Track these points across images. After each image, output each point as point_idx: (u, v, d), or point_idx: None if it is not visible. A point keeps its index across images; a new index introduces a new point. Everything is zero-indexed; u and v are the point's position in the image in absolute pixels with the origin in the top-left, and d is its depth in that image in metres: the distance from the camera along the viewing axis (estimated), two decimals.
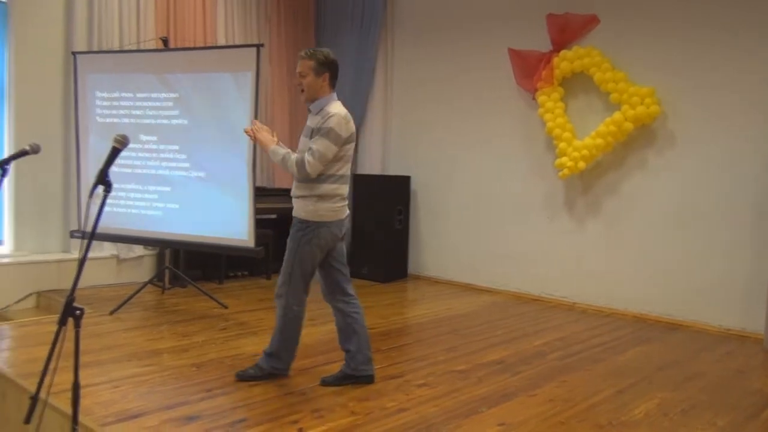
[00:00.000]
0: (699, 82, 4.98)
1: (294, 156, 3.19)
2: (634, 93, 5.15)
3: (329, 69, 3.22)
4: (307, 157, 3.12)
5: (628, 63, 5.30)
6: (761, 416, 3.14)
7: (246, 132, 3.41)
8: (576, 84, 5.65)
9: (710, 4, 4.90)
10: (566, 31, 5.65)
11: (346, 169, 3.28)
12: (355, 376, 3.32)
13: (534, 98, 5.84)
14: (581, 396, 3.30)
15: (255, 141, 3.43)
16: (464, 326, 4.75)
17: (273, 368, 3.34)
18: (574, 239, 5.72)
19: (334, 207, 3.24)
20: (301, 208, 3.25)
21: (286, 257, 3.28)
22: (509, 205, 6.16)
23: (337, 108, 3.21)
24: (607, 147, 5.35)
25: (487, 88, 6.28)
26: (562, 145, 5.54)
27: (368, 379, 3.34)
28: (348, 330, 3.35)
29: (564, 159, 5.51)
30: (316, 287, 3.36)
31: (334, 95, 3.28)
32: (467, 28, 6.42)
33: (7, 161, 2.70)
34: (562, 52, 5.60)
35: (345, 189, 3.30)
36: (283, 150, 3.26)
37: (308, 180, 3.19)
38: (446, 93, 6.64)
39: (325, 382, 3.31)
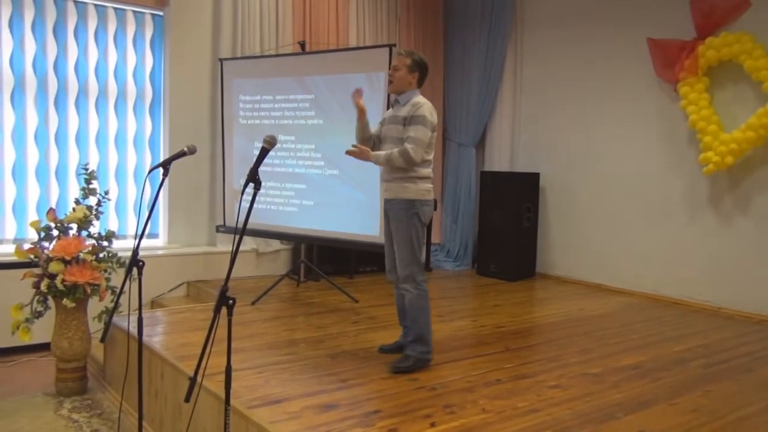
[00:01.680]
0: None
1: (394, 150, 3.45)
2: None
3: (420, 70, 3.58)
4: (409, 145, 3.40)
5: None
6: None
7: (351, 153, 3.58)
8: (723, 73, 5.27)
9: None
10: (712, 17, 5.28)
11: (432, 155, 3.60)
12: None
13: (675, 90, 5.52)
14: (728, 408, 3.10)
15: (360, 158, 3.60)
16: (597, 328, 4.60)
17: (421, 353, 3.49)
18: (720, 239, 5.35)
19: (429, 188, 3.56)
20: (403, 190, 3.49)
21: (399, 240, 3.50)
22: (645, 202, 5.86)
23: (424, 99, 3.56)
24: (759, 140, 4.95)
25: (622, 82, 6.01)
26: (707, 138, 5.19)
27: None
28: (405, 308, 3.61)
29: (709, 153, 5.16)
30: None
31: (419, 92, 3.61)
32: (600, 19, 6.17)
33: (169, 161, 2.96)
34: (708, 40, 5.24)
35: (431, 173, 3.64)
36: (381, 153, 3.52)
37: (416, 164, 3.46)
38: (577, 88, 6.43)
39: (384, 350, 3.76)
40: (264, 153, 2.49)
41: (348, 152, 3.57)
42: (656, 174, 5.78)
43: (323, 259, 6.04)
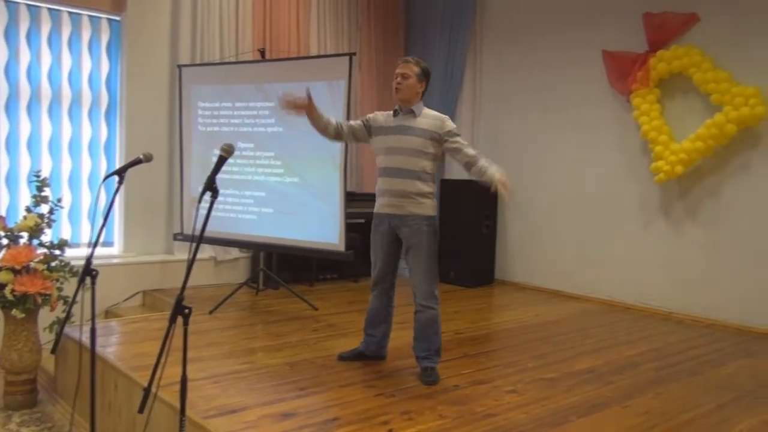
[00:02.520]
0: None
1: (480, 158, 3.40)
2: (737, 93, 4.91)
3: (427, 80, 3.53)
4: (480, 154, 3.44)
5: (731, 62, 5.06)
6: None
7: (500, 184, 3.23)
8: (673, 85, 5.44)
9: None
10: (663, 31, 5.46)
11: None
12: (368, 356, 3.75)
13: (628, 101, 5.68)
14: (678, 409, 3.19)
15: (504, 185, 3.24)
16: (553, 333, 4.68)
17: (438, 363, 3.53)
18: (671, 245, 5.51)
19: None
20: (421, 206, 3.44)
21: (423, 256, 3.43)
22: (601, 209, 6.00)
23: (434, 111, 3.55)
24: (708, 151, 5.12)
25: (578, 92, 6.16)
26: (658, 148, 5.35)
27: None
28: (384, 317, 3.68)
29: (660, 163, 5.32)
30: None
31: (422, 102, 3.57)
32: (558, 31, 6.31)
33: (125, 169, 2.93)
34: (659, 53, 5.41)
35: None
36: (484, 165, 3.36)
37: (424, 179, 3.45)
38: (535, 97, 6.55)
39: (343, 358, 3.76)
40: (221, 161, 2.48)
41: (499, 181, 3.23)
42: (611, 182, 5.93)
43: (283, 267, 6.01)
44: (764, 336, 4.80)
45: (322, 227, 4.90)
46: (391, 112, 3.58)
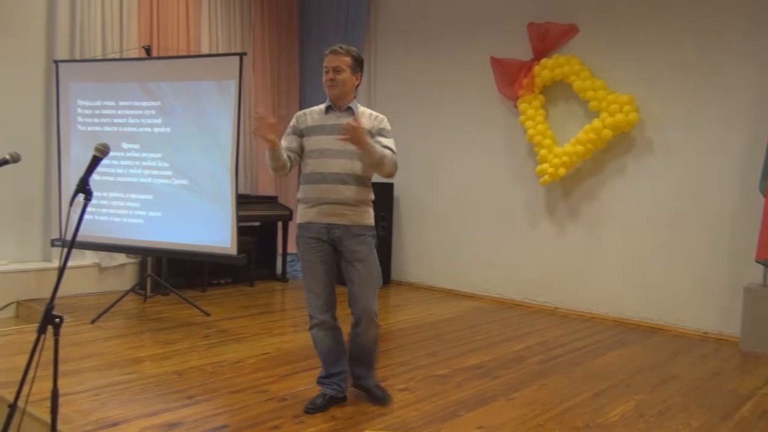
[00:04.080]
0: (677, 90, 5.07)
1: (387, 153, 3.01)
2: (612, 101, 5.23)
3: (361, 70, 3.13)
4: (396, 158, 3.07)
5: (607, 71, 5.39)
6: (734, 417, 3.20)
7: (348, 128, 2.82)
8: (556, 92, 5.73)
9: (687, 12, 5.00)
10: (546, 40, 5.74)
11: None
12: (341, 398, 3.21)
13: (515, 106, 5.91)
14: (559, 399, 3.35)
15: (356, 137, 2.84)
16: (446, 331, 4.79)
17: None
18: (555, 244, 5.79)
19: None
20: (365, 215, 3.08)
21: (368, 271, 3.05)
22: (492, 211, 6.22)
23: (369, 109, 3.21)
24: (587, 154, 5.42)
25: (469, 96, 6.35)
26: (543, 152, 5.61)
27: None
28: (343, 347, 3.25)
29: (545, 165, 5.58)
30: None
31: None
32: (450, 37, 6.48)
33: None
34: (543, 61, 5.68)
35: None
36: (377, 146, 2.97)
37: (366, 185, 3.09)
38: (429, 101, 6.70)
39: (309, 411, 3.06)
40: (96, 162, 2.35)
41: (348, 125, 2.81)
42: (501, 184, 6.15)
43: (174, 273, 5.80)
44: (637, 327, 5.15)
45: (213, 231, 4.77)
46: (322, 108, 3.12)
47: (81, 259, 5.63)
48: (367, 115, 3.09)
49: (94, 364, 3.66)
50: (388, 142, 3.07)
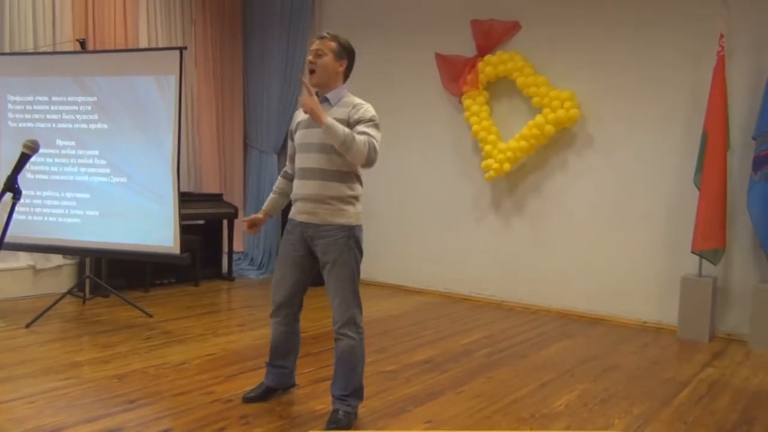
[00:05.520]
0: (616, 86, 5.21)
1: (360, 136, 2.76)
2: (554, 97, 5.33)
3: (348, 57, 2.96)
4: (374, 142, 2.80)
5: (548, 67, 5.49)
6: (673, 403, 3.31)
7: (303, 82, 2.84)
8: (500, 88, 5.80)
9: (627, 9, 5.13)
10: (490, 37, 5.80)
11: None
12: (278, 389, 3.28)
13: (460, 102, 5.96)
14: (506, 391, 3.40)
15: (309, 105, 2.72)
16: (394, 327, 4.79)
17: (356, 408, 2.94)
18: (501, 239, 5.87)
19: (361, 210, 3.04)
20: (339, 213, 2.91)
21: (338, 276, 2.87)
22: (438, 206, 6.26)
23: (359, 99, 2.99)
24: (530, 149, 5.51)
25: (414, 93, 6.36)
26: (487, 147, 5.67)
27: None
28: (293, 344, 3.24)
29: (490, 161, 5.64)
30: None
31: (346, 87, 3.02)
32: (395, 33, 6.48)
33: None
34: (487, 57, 5.74)
35: None
36: (341, 126, 2.74)
37: (344, 180, 2.92)
38: (374, 97, 6.54)
39: (248, 399, 3.11)
40: (24, 159, 2.26)
41: (303, 82, 2.83)
42: (448, 180, 6.19)
43: (114, 273, 5.61)
44: (581, 318, 5.27)
45: (154, 229, 4.63)
46: None
47: (15, 261, 5.39)
48: (346, 104, 2.91)
49: (29, 370, 3.51)
50: (367, 128, 2.83)
